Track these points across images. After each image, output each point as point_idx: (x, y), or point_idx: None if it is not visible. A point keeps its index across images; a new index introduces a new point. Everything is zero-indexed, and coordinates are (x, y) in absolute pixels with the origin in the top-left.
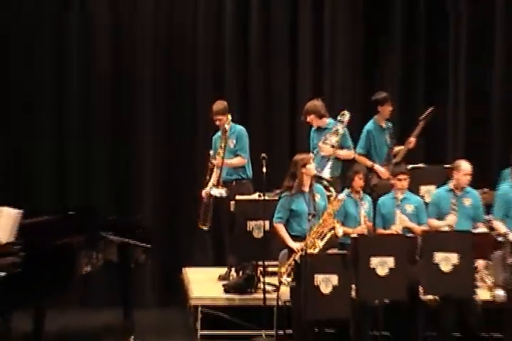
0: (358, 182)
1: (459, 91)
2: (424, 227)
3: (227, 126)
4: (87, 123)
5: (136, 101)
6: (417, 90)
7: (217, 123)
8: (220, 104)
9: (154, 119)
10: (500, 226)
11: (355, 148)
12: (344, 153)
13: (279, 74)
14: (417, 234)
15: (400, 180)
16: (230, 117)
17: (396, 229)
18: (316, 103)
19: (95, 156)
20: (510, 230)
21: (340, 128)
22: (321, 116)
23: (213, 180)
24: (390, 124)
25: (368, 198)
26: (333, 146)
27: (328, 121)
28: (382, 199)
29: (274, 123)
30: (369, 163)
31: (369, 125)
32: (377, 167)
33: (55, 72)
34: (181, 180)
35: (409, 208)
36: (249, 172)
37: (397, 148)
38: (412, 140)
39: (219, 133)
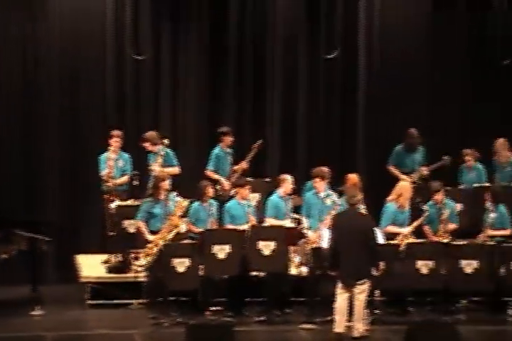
0: (211, 191)
1: (274, 129)
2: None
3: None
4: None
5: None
6: (245, 126)
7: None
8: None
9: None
10: (305, 222)
11: (205, 166)
12: (169, 170)
13: (147, 113)
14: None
15: (245, 189)
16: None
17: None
18: (152, 133)
19: (9, 167)
20: (310, 226)
21: (162, 151)
22: (154, 144)
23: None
24: (229, 150)
25: (215, 203)
26: (160, 166)
27: (160, 147)
28: (229, 204)
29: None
30: (217, 177)
31: (216, 150)
32: (222, 180)
33: None
34: (79, 188)
35: (250, 211)
36: (127, 186)
37: (235, 167)
38: (245, 164)
39: (105, 154)
